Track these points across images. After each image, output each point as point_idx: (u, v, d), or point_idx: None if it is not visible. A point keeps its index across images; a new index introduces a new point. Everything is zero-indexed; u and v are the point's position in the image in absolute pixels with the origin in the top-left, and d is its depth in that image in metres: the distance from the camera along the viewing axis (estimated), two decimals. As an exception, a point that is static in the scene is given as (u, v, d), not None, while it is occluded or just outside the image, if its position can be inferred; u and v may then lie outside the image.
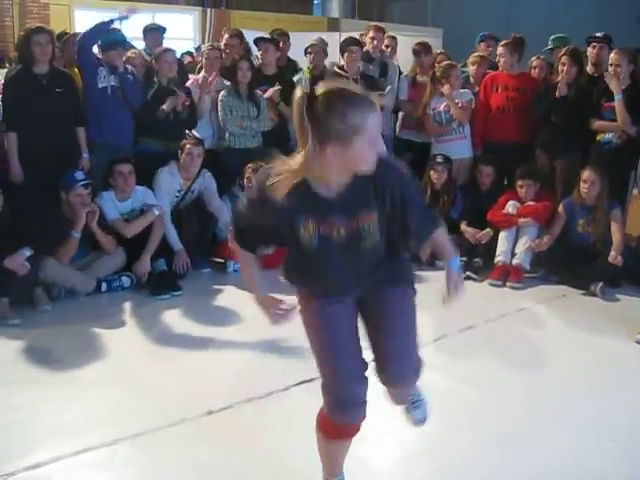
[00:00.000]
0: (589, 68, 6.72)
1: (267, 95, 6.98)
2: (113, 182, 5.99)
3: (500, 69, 7.08)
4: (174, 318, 5.24)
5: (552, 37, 7.40)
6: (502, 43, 7.11)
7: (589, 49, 6.75)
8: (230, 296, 5.73)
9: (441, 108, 7.01)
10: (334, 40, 9.25)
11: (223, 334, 4.94)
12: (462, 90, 7.08)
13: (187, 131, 6.56)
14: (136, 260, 5.86)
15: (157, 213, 6.02)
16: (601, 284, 5.82)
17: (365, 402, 2.64)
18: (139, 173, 6.17)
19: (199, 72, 7.12)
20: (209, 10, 13.40)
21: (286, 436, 3.50)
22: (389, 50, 7.93)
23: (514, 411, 3.84)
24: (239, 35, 7.66)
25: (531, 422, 3.72)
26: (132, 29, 8.63)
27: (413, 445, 3.51)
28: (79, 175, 5.72)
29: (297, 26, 11.50)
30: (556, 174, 6.70)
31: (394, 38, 8.12)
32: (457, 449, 3.45)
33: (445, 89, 6.95)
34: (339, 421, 2.64)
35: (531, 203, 6.42)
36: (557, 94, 6.53)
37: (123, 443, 3.45)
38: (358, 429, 2.70)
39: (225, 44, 7.46)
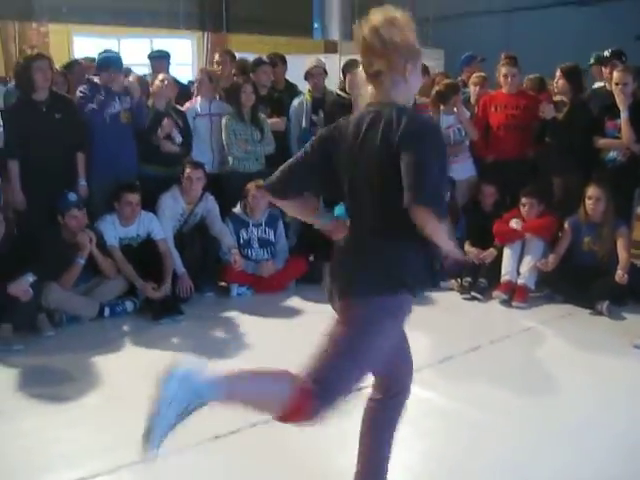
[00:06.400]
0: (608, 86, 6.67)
1: (274, 123, 7.03)
2: (119, 208, 5.96)
3: (505, 89, 7.05)
4: (177, 343, 5.20)
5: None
6: (507, 62, 7.06)
7: (603, 69, 6.77)
8: (233, 321, 5.71)
9: (454, 126, 6.98)
10: (333, 62, 9.28)
11: (226, 359, 4.90)
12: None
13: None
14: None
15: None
16: (607, 302, 5.77)
17: None
18: (141, 198, 6.18)
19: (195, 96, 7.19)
20: (206, 34, 13.50)
21: (292, 461, 3.46)
22: None
23: (520, 434, 3.79)
24: (229, 53, 7.92)
25: (539, 445, 3.66)
26: (132, 55, 8.71)
27: (418, 468, 3.46)
28: (72, 197, 5.69)
29: (295, 49, 11.54)
30: (555, 194, 6.69)
31: None
32: (463, 472, 3.40)
33: (457, 106, 6.97)
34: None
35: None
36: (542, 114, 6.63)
37: (126, 470, 3.40)
38: None
39: (216, 62, 7.69)
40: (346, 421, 2.87)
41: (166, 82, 6.67)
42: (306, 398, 2.51)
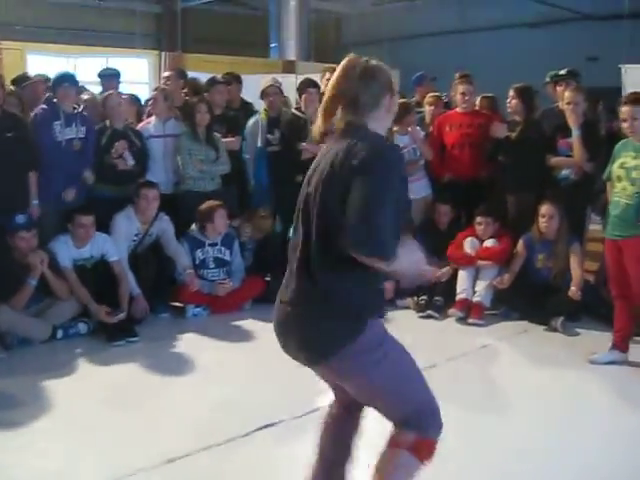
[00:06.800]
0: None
1: (228, 143, 7.01)
2: (72, 230, 5.87)
3: (461, 108, 7.10)
4: (131, 365, 5.12)
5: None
6: (464, 81, 7.11)
7: (558, 88, 6.85)
8: (188, 342, 5.65)
9: (409, 146, 6.98)
10: (290, 82, 9.29)
11: (181, 381, 4.85)
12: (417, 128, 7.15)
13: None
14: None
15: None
16: (562, 319, 5.84)
17: None
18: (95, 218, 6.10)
19: (148, 116, 7.14)
20: (163, 54, 13.47)
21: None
22: None
23: (478, 453, 3.78)
24: (178, 70, 8.04)
25: (495, 464, 3.67)
26: (87, 74, 8.61)
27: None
28: (20, 219, 5.58)
29: (253, 69, 11.51)
30: (509, 212, 6.75)
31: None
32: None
33: (411, 126, 7.00)
34: (439, 436, 2.65)
35: (489, 243, 6.44)
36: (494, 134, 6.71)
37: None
38: None
39: (164, 77, 7.67)
40: (295, 446, 2.85)
41: (122, 102, 6.63)
42: (421, 443, 2.60)
